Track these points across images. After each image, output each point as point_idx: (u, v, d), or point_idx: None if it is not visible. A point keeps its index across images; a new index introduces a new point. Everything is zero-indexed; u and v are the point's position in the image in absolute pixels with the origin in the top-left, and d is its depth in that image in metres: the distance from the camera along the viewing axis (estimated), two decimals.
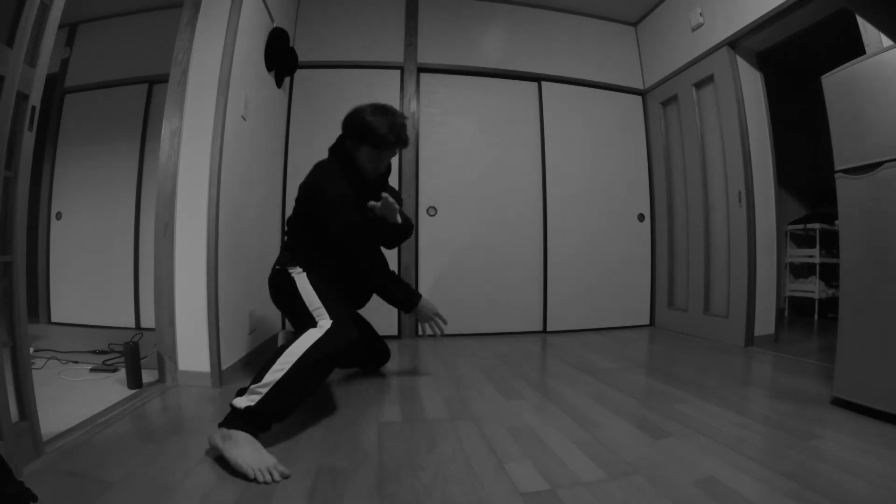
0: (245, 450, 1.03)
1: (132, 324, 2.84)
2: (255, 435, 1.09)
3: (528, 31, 3.06)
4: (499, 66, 2.97)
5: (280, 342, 1.99)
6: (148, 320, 2.73)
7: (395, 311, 2.76)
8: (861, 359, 1.41)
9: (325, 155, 2.75)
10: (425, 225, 2.84)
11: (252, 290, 2.17)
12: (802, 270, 3.74)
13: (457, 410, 1.48)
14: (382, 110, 1.58)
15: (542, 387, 1.77)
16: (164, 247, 1.70)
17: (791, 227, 3.68)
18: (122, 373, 1.73)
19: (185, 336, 1.71)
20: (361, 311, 1.90)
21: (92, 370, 1.85)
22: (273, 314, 2.56)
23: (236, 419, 1.10)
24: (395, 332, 2.76)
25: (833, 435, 1.25)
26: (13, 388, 1.02)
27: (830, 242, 3.46)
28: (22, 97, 1.01)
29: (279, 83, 2.51)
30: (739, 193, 2.47)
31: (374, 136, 1.54)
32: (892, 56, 1.35)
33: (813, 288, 3.49)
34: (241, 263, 2.03)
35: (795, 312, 3.74)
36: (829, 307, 3.46)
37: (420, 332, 1.93)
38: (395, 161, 2.80)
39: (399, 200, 1.73)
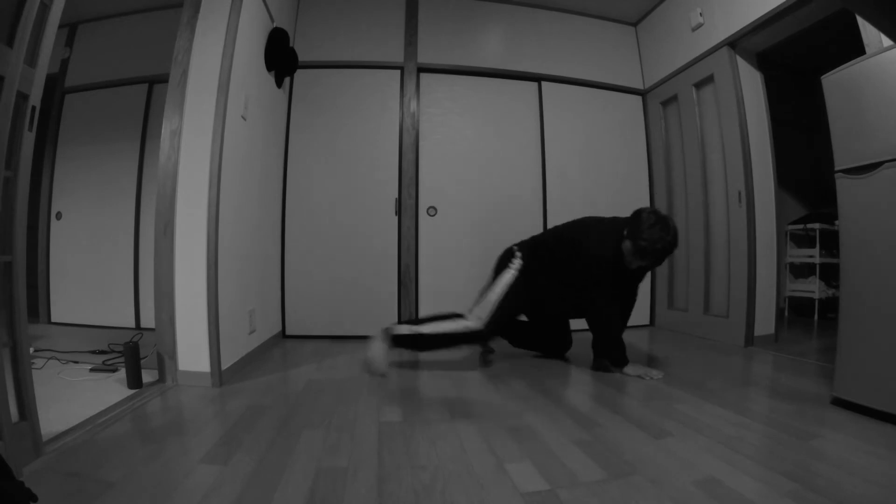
0: (378, 350, 1.86)
1: (132, 324, 2.85)
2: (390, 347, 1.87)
3: (528, 31, 3.06)
4: (499, 66, 2.97)
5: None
6: (148, 320, 2.74)
7: (395, 311, 2.77)
8: (861, 359, 1.41)
9: (324, 154, 2.77)
10: (425, 225, 2.84)
11: (252, 290, 2.17)
12: (802, 270, 3.74)
13: (457, 410, 1.48)
14: (662, 225, 1.75)
15: (542, 387, 1.77)
16: (164, 246, 1.70)
17: (791, 227, 3.68)
18: (122, 373, 1.73)
19: (185, 336, 1.71)
20: None
21: (92, 370, 1.85)
22: (273, 314, 2.56)
23: (388, 335, 1.89)
24: None
25: (833, 435, 1.25)
26: (13, 388, 1.02)
27: (830, 242, 3.46)
28: (22, 97, 1.01)
29: (279, 83, 2.51)
30: (739, 193, 2.47)
31: (636, 241, 1.75)
32: (892, 56, 1.35)
33: (813, 288, 3.49)
34: (242, 263, 2.03)
35: (795, 312, 3.74)
36: (829, 307, 3.46)
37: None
38: (395, 161, 2.82)
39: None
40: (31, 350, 1.69)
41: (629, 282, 1.99)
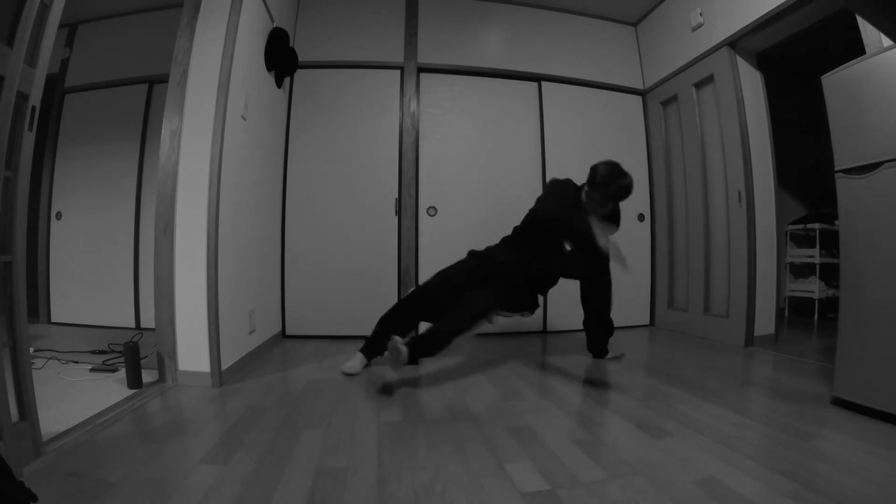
0: (351, 360, 1.94)
1: (132, 324, 2.85)
2: (367, 357, 1.96)
3: (528, 31, 3.05)
4: (499, 66, 2.97)
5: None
6: (148, 320, 2.74)
7: None
8: (861, 359, 1.41)
9: (324, 154, 2.78)
10: (425, 225, 2.84)
11: (252, 290, 2.17)
12: (802, 270, 3.74)
13: (457, 410, 1.48)
14: (614, 170, 1.90)
15: (542, 387, 1.77)
16: (164, 246, 1.70)
17: (791, 227, 3.68)
18: (122, 373, 1.73)
19: (185, 336, 1.71)
20: None
21: (92, 370, 1.85)
22: (273, 314, 2.56)
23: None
24: None
25: (833, 435, 1.25)
26: (13, 388, 1.02)
27: (830, 242, 3.46)
28: (22, 97, 1.02)
29: (279, 83, 2.51)
30: (739, 193, 2.47)
31: (591, 176, 1.92)
32: (892, 56, 1.35)
33: (813, 288, 3.49)
34: (242, 263, 2.03)
35: (795, 312, 3.74)
36: (829, 307, 3.46)
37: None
38: (395, 161, 2.82)
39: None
40: (31, 350, 1.69)
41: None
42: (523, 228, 2.07)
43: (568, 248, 1.97)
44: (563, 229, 1.87)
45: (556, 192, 2.01)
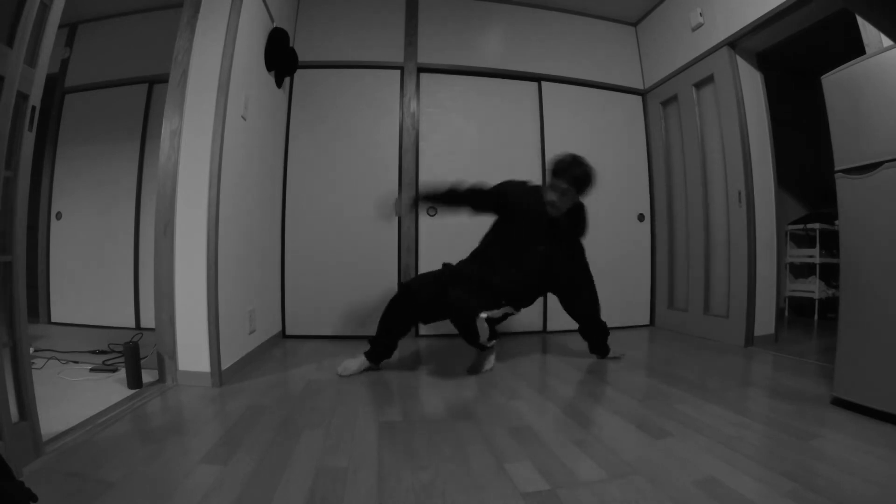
0: (348, 361, 1.92)
1: (132, 324, 2.85)
2: (372, 361, 1.94)
3: (527, 31, 3.05)
4: (499, 66, 2.97)
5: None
6: (148, 320, 2.74)
7: None
8: (861, 359, 1.41)
9: (324, 154, 2.78)
10: (425, 225, 2.84)
11: (252, 290, 2.17)
12: (802, 270, 3.74)
13: (457, 410, 1.48)
14: (577, 158, 1.94)
15: (542, 387, 1.77)
16: (164, 246, 1.70)
17: (791, 227, 3.68)
18: (122, 373, 1.73)
19: (185, 336, 1.71)
20: None
21: (92, 370, 1.85)
22: (273, 314, 2.56)
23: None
24: None
25: (833, 435, 1.25)
26: (13, 388, 1.02)
27: (830, 242, 3.46)
28: (22, 97, 1.02)
29: (279, 83, 2.51)
30: (739, 193, 2.47)
31: (553, 166, 1.94)
32: (892, 56, 1.35)
33: (813, 288, 3.49)
34: (241, 263, 2.03)
35: (795, 312, 3.74)
36: (829, 307, 3.46)
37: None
38: (395, 161, 2.82)
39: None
40: (31, 350, 1.69)
41: (566, 237, 2.06)
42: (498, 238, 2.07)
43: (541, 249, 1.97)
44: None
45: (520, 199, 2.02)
